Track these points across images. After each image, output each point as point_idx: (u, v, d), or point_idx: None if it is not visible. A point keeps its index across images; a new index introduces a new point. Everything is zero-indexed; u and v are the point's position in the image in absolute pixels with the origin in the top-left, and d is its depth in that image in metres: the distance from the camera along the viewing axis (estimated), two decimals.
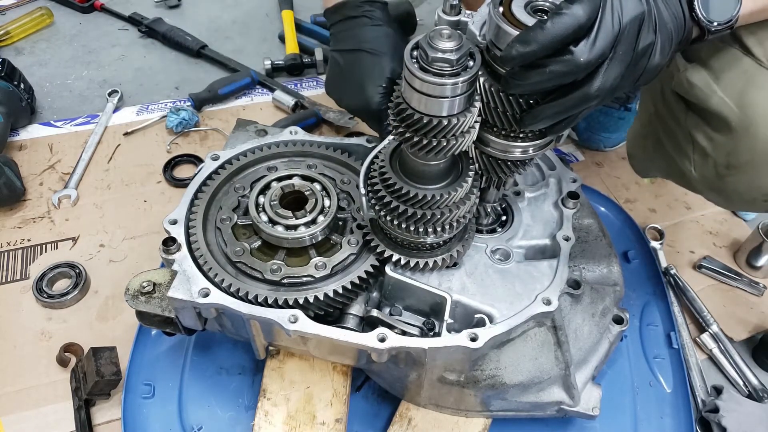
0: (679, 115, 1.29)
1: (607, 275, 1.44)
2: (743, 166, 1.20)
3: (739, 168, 1.20)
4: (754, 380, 1.57)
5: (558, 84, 0.93)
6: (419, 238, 1.20)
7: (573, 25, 0.86)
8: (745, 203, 1.29)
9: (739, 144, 1.18)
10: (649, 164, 1.49)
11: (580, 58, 0.87)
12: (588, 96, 0.93)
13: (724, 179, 1.25)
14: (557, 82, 0.92)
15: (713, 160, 1.24)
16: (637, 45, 0.92)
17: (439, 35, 0.92)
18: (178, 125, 2.12)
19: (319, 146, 1.48)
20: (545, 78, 0.90)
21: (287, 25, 2.57)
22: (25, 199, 1.92)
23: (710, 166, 1.25)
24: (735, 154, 1.19)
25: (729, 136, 1.18)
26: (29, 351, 1.58)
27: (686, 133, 1.28)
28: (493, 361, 1.25)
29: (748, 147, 1.17)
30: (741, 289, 1.78)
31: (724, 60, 1.20)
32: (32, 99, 2.20)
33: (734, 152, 1.19)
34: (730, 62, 1.19)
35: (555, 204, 1.41)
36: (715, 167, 1.24)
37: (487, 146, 1.16)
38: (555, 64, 0.89)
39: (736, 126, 1.16)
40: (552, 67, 0.89)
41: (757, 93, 1.14)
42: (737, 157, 1.19)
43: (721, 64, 1.20)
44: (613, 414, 1.47)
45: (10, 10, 2.67)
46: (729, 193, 1.28)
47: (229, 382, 1.50)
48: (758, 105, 1.14)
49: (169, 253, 1.25)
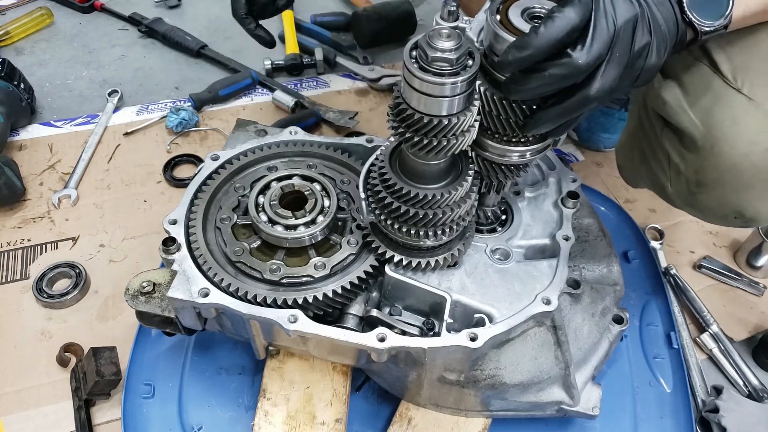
0: (657, 130, 1.31)
1: (607, 275, 1.44)
2: (711, 184, 1.22)
3: (708, 185, 1.23)
4: (754, 380, 1.57)
5: (558, 88, 0.94)
6: (420, 241, 1.21)
7: (566, 28, 0.88)
8: (718, 219, 1.31)
9: (705, 162, 1.20)
10: (636, 176, 1.51)
11: (578, 60, 0.89)
12: (588, 98, 0.94)
13: (696, 196, 1.27)
14: (557, 86, 0.93)
15: (685, 177, 1.26)
16: (632, 46, 0.93)
17: (439, 35, 0.92)
18: (178, 125, 2.12)
19: (319, 146, 1.48)
20: (545, 82, 0.91)
21: (287, 25, 2.57)
22: (25, 199, 1.92)
23: (683, 182, 1.28)
24: (703, 172, 1.22)
25: (697, 154, 1.21)
26: (29, 351, 1.58)
27: (663, 149, 1.30)
28: (493, 361, 1.25)
29: (714, 165, 1.19)
30: (741, 289, 1.79)
31: (695, 78, 1.21)
32: (32, 99, 2.20)
33: (702, 170, 1.22)
34: (700, 80, 1.21)
35: (555, 204, 1.41)
36: (687, 184, 1.27)
37: (486, 151, 1.18)
38: (554, 68, 0.90)
39: (702, 144, 1.18)
40: (551, 71, 0.90)
41: (722, 112, 1.16)
42: (705, 175, 1.22)
43: (692, 81, 1.22)
44: (613, 414, 1.47)
45: (10, 10, 2.67)
46: (702, 209, 1.31)
47: (229, 382, 1.50)
48: (723, 124, 1.16)
49: (168, 253, 1.25)
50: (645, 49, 0.95)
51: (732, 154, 1.15)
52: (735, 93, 1.16)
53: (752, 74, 1.16)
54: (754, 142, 1.14)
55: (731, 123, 1.15)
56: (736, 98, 1.16)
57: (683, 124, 1.21)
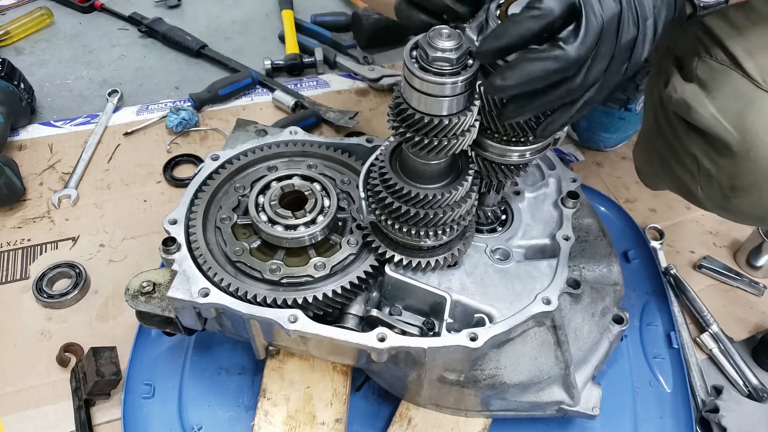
0: (681, 135, 1.29)
1: (607, 275, 1.44)
2: (747, 188, 1.20)
3: (744, 190, 1.21)
4: (754, 380, 1.57)
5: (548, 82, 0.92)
6: (420, 241, 1.21)
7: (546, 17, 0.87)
8: (754, 220, 1.30)
9: (741, 167, 1.18)
10: (657, 180, 1.49)
11: (571, 53, 0.88)
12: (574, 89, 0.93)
13: (731, 200, 1.25)
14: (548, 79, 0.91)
15: (717, 181, 1.24)
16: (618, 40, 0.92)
17: (439, 34, 0.92)
18: (178, 125, 2.12)
19: (320, 146, 1.48)
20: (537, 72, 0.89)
21: (287, 25, 2.57)
22: (25, 199, 1.92)
23: (715, 187, 1.26)
24: (738, 177, 1.20)
25: (731, 159, 1.19)
26: (29, 351, 1.58)
27: (690, 153, 1.28)
28: (493, 361, 1.25)
29: (751, 170, 1.17)
30: (741, 289, 1.78)
31: (721, 81, 1.20)
32: (32, 99, 2.20)
33: (737, 175, 1.20)
34: (727, 83, 1.19)
35: (555, 203, 1.41)
36: (720, 189, 1.25)
37: (486, 151, 1.18)
38: (547, 60, 0.89)
39: (737, 149, 1.17)
40: (543, 64, 0.89)
41: (756, 116, 1.14)
42: (741, 180, 1.20)
43: (718, 85, 1.20)
44: (613, 414, 1.47)
45: (10, 10, 2.67)
46: (737, 213, 1.29)
47: (229, 382, 1.50)
48: (757, 128, 1.14)
49: (168, 253, 1.25)
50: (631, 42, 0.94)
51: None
52: (766, 95, 1.14)
53: None
54: None
55: (766, 126, 1.13)
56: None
57: (714, 129, 1.19)
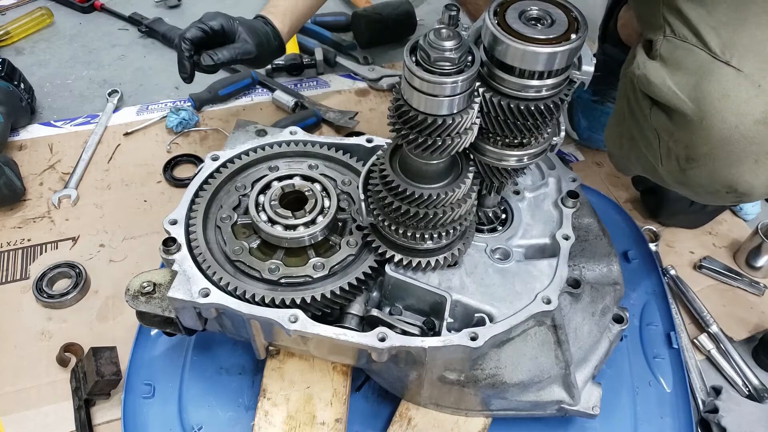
0: (646, 112, 1.31)
1: (607, 274, 1.44)
2: (702, 159, 1.21)
3: (698, 160, 1.21)
4: (754, 380, 1.57)
5: None
6: (417, 244, 1.21)
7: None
8: (710, 195, 1.30)
9: (695, 136, 1.19)
10: (626, 162, 1.51)
11: None
12: None
13: (686, 173, 1.26)
14: None
15: (675, 154, 1.25)
16: None
17: (439, 34, 0.93)
18: (178, 125, 2.12)
19: (321, 146, 1.48)
20: None
21: None
22: (25, 199, 1.92)
23: (673, 160, 1.27)
24: (693, 147, 1.20)
25: (686, 129, 1.19)
26: (29, 351, 1.58)
27: (652, 129, 1.29)
28: (493, 360, 1.26)
29: (705, 139, 1.18)
30: (741, 288, 1.79)
31: (681, 55, 1.21)
32: (32, 99, 2.20)
33: (692, 145, 1.20)
34: (687, 57, 1.20)
35: (555, 203, 1.41)
36: (677, 161, 1.26)
37: (484, 155, 1.19)
38: None
39: (691, 119, 1.17)
40: None
41: (711, 86, 1.15)
42: (695, 150, 1.20)
43: (678, 58, 1.21)
44: (613, 414, 1.47)
45: (10, 10, 2.67)
46: (694, 186, 1.29)
47: (229, 382, 1.50)
48: (711, 96, 1.14)
49: (169, 254, 1.25)
50: None
51: (721, 127, 1.14)
52: (723, 66, 1.15)
53: (741, 48, 1.15)
54: (744, 114, 1.13)
55: (720, 95, 1.14)
56: (725, 71, 1.15)
57: (671, 101, 1.20)
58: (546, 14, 1.02)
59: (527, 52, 0.98)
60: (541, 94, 1.06)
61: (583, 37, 1.00)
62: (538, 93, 1.06)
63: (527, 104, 1.06)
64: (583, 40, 1.00)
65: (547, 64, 1.00)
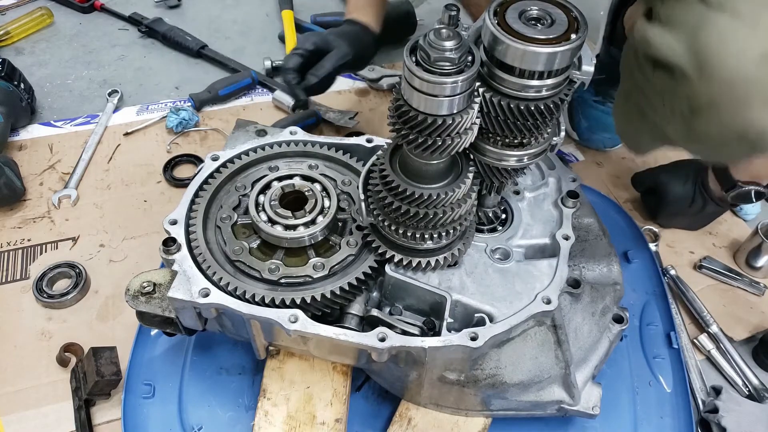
0: (648, 76, 1.29)
1: (607, 274, 1.44)
2: (706, 109, 1.18)
3: (702, 111, 1.19)
4: (754, 380, 1.57)
5: None
6: (417, 244, 1.21)
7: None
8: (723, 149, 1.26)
9: (696, 88, 1.17)
10: (638, 137, 1.48)
11: None
12: None
13: (693, 127, 1.23)
14: None
15: (680, 110, 1.23)
16: None
17: (439, 34, 0.93)
18: (178, 125, 2.12)
19: (321, 146, 1.48)
20: None
21: (287, 25, 2.56)
22: (25, 199, 1.92)
23: (678, 116, 1.24)
24: (695, 99, 1.19)
25: (687, 83, 1.18)
26: (29, 351, 1.58)
27: (657, 93, 1.27)
28: (493, 360, 1.26)
29: (705, 89, 1.16)
30: (741, 288, 1.79)
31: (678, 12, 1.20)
32: (32, 99, 2.19)
33: (694, 97, 1.18)
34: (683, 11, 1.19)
35: (555, 203, 1.41)
36: (682, 116, 1.23)
37: (484, 155, 1.19)
38: None
39: (690, 72, 1.16)
40: None
41: (706, 35, 1.13)
42: (698, 101, 1.18)
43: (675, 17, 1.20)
44: (613, 414, 1.47)
45: (10, 10, 2.67)
46: (703, 140, 1.26)
47: (229, 382, 1.50)
48: (708, 45, 1.13)
49: (169, 254, 1.25)
50: None
51: (721, 70, 1.12)
52: (719, 13, 1.13)
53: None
54: (743, 52, 1.11)
55: (717, 40, 1.12)
56: (720, 18, 1.13)
57: (671, 58, 1.18)
58: (546, 14, 1.02)
59: (527, 52, 0.98)
60: (541, 94, 1.06)
61: (583, 37, 1.00)
62: (538, 93, 1.06)
63: (527, 104, 1.06)
64: (583, 40, 1.00)
65: (547, 64, 1.00)
